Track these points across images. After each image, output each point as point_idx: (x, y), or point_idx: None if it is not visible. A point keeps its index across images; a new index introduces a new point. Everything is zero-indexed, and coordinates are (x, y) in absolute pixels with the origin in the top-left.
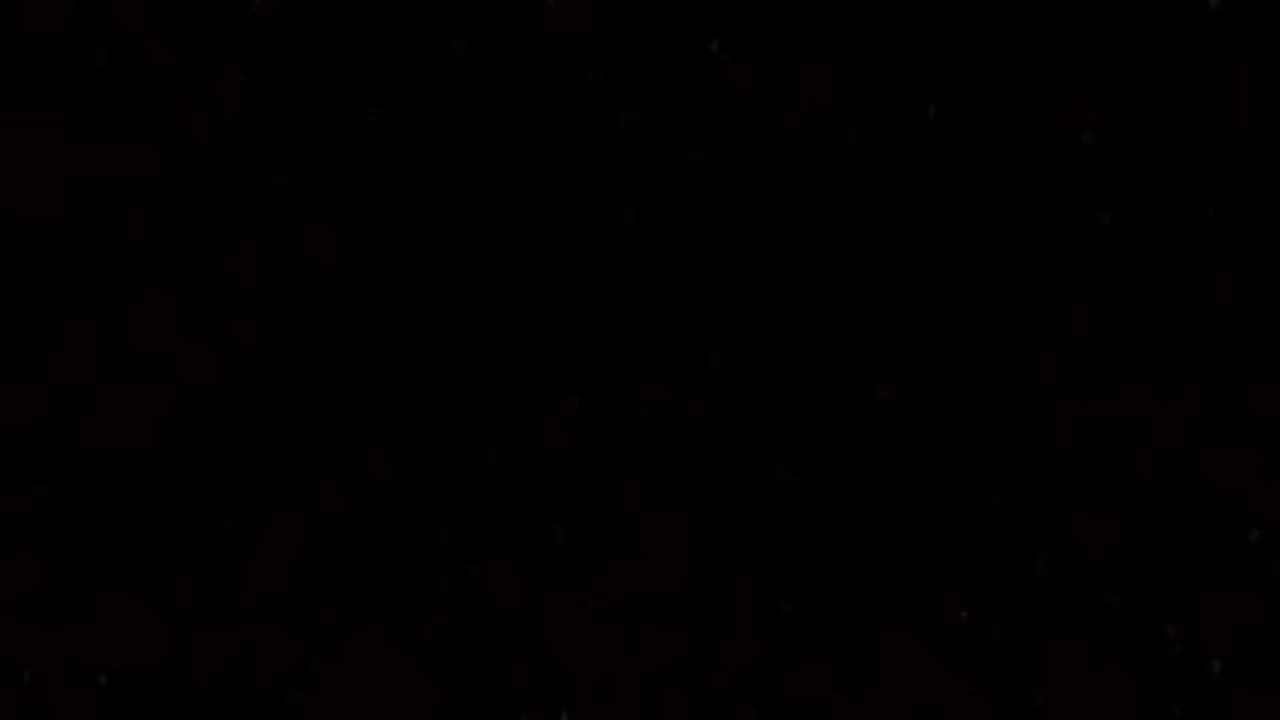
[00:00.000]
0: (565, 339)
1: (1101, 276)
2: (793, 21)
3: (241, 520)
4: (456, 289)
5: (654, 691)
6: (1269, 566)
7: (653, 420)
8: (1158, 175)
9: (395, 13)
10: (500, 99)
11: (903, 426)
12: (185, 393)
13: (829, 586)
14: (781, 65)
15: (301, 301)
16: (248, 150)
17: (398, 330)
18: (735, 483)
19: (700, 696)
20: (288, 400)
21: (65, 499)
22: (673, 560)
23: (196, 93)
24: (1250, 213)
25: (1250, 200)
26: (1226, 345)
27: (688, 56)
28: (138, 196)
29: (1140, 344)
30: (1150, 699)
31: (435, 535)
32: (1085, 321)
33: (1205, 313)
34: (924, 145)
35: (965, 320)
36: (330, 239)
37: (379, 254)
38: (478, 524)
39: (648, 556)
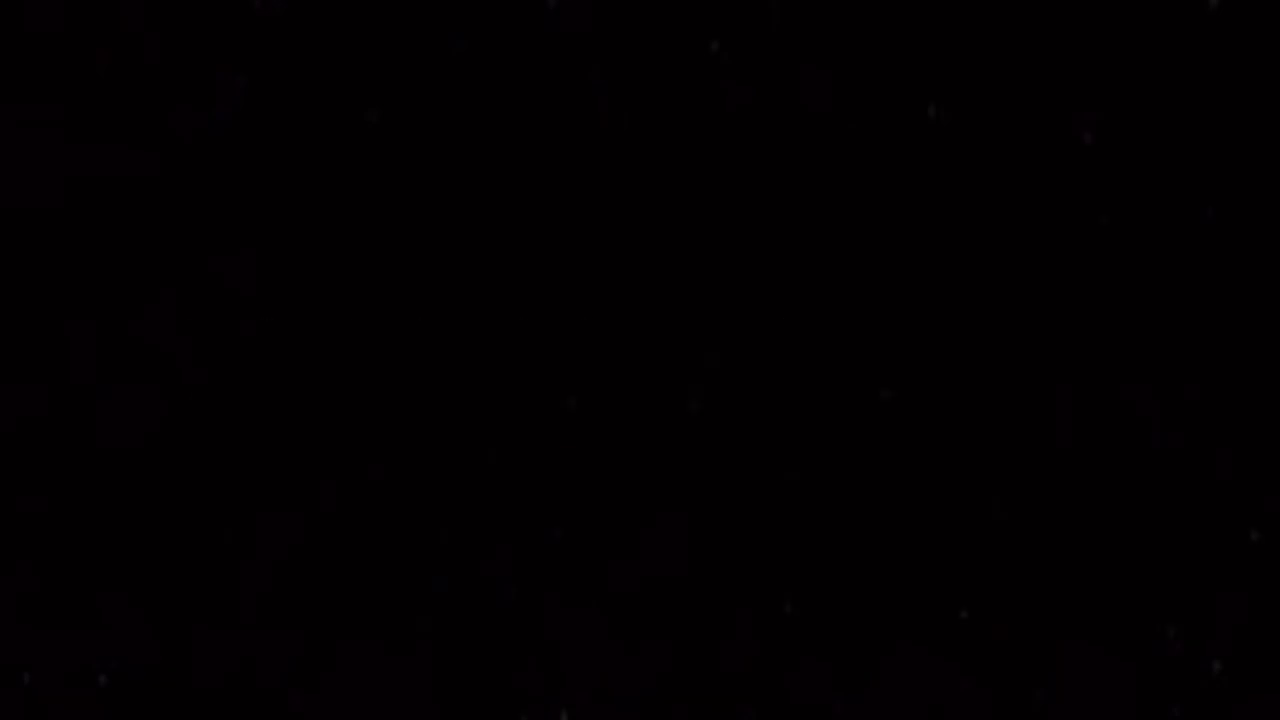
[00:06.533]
0: (565, 339)
1: (1102, 276)
2: (793, 21)
3: (241, 520)
4: (456, 289)
5: (654, 691)
6: (1269, 566)
7: (653, 420)
8: (1158, 175)
9: (395, 13)
10: (500, 99)
11: (904, 428)
12: (185, 393)
13: (829, 587)
14: (781, 65)
15: (302, 301)
16: (248, 150)
17: (398, 330)
18: (735, 483)
19: (700, 696)
20: (288, 400)
21: (65, 499)
22: (673, 560)
23: (196, 93)
24: (1250, 213)
25: (1250, 200)
26: (1227, 345)
27: (688, 56)
28: (138, 196)
29: (1140, 344)
30: (1150, 699)
31: (435, 535)
32: (1085, 321)
33: (1205, 313)
34: (924, 145)
35: (966, 321)
36: (330, 239)
37: (379, 254)
38: (477, 524)
39: (648, 556)
